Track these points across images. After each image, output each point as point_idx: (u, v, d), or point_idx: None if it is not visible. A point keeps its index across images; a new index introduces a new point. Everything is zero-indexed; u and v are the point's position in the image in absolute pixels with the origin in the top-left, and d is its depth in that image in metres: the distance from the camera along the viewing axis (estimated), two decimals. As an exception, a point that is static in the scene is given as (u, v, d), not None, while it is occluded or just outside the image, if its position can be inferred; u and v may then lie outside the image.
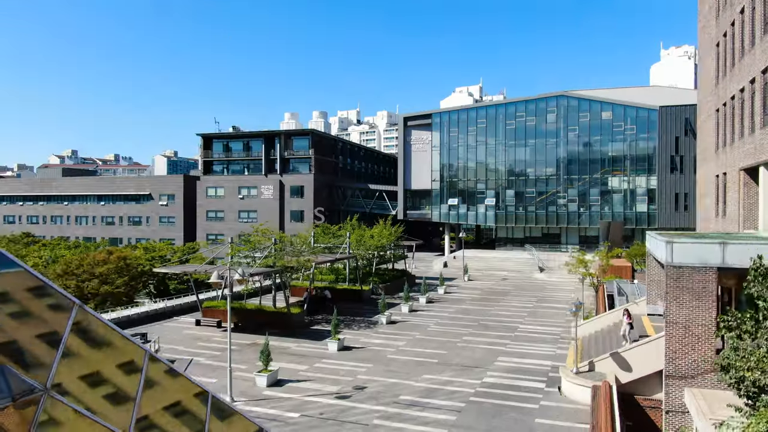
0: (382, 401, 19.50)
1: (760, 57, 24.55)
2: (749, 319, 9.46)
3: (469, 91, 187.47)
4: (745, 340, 9.29)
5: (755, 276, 9.72)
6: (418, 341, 28.59)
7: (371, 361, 24.74)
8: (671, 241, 20.37)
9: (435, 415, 18.16)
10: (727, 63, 31.00)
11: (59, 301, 9.23)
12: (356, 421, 17.58)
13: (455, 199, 71.24)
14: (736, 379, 9.20)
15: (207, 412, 10.75)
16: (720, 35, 32.57)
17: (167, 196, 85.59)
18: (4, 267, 8.72)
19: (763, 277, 9.43)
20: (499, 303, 40.29)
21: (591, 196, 65.31)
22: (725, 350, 10.01)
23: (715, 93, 34.15)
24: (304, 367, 23.64)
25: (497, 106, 71.60)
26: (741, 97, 27.75)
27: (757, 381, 8.53)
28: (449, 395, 20.16)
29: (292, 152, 79.24)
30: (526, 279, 54.06)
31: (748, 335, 9.27)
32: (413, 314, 35.84)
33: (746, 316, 9.47)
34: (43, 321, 8.93)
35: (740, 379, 9.03)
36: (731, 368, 9.33)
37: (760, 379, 8.52)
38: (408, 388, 21.00)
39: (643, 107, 61.78)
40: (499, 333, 30.39)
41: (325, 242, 44.78)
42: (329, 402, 19.39)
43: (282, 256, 32.44)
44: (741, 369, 9.00)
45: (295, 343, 27.72)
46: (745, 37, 26.85)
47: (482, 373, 22.97)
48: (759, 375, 8.49)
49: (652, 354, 19.89)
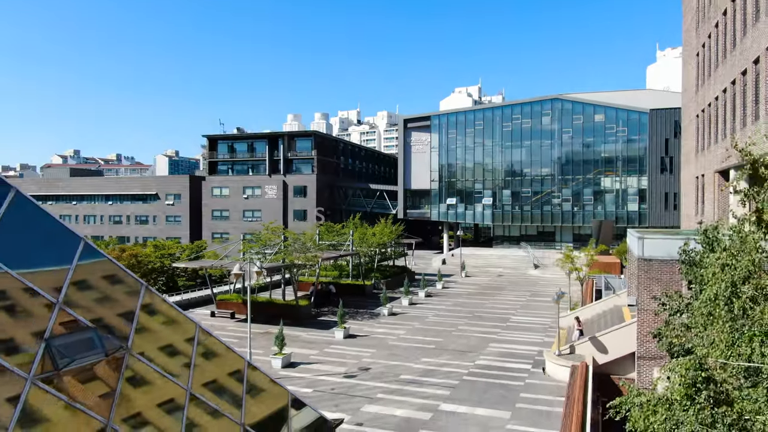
0: (385, 379, 21.90)
1: (730, 69, 26.94)
2: (677, 297, 11.81)
3: (468, 91, 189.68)
4: (674, 316, 11.61)
5: (682, 263, 12.08)
6: (418, 330, 30.99)
7: (374, 346, 27.15)
8: (642, 237, 22.80)
9: (432, 391, 20.56)
10: (705, 72, 33.38)
11: (131, 282, 11.72)
12: (363, 395, 19.98)
13: (453, 199, 73.62)
14: (666, 345, 11.56)
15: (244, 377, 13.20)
16: (699, 45, 34.96)
17: (173, 195, 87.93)
18: (94, 257, 11.24)
19: (689, 265, 11.76)
20: (494, 297, 42.68)
21: (584, 196, 67.70)
22: (660, 324, 12.42)
23: (695, 99, 36.53)
24: (314, 352, 26.03)
25: (494, 108, 73.96)
26: (716, 105, 30.13)
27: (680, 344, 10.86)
28: (445, 375, 22.55)
29: (296, 153, 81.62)
30: (521, 275, 56.43)
31: (677, 312, 11.58)
32: (413, 307, 38.24)
33: (674, 297, 11.83)
34: (120, 298, 11.41)
35: (670, 345, 11.38)
36: (662, 336, 11.70)
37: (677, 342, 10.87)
38: (408, 369, 23.39)
39: (634, 110, 64.15)
40: (492, 323, 32.79)
41: (330, 240, 47.16)
42: (338, 380, 21.78)
43: (291, 252, 34.80)
44: (669, 337, 11.35)
45: (304, 332, 30.11)
46: (719, 49, 29.20)
47: (475, 357, 25.36)
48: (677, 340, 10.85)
49: (626, 338, 22.26)
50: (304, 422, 14.34)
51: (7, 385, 8.54)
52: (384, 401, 19.44)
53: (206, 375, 12.20)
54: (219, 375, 12.69)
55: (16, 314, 9.35)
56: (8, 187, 10.23)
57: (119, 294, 11.36)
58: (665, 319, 12.06)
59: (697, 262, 11.38)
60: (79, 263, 10.74)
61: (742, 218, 9.82)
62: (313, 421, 14.65)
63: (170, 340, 11.91)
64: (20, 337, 9.12)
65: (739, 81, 25.42)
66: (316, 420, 14.78)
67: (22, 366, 8.79)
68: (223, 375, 12.80)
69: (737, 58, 25.51)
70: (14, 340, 9.02)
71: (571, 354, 23.27)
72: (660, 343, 11.82)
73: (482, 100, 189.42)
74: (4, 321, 9.13)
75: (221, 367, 12.91)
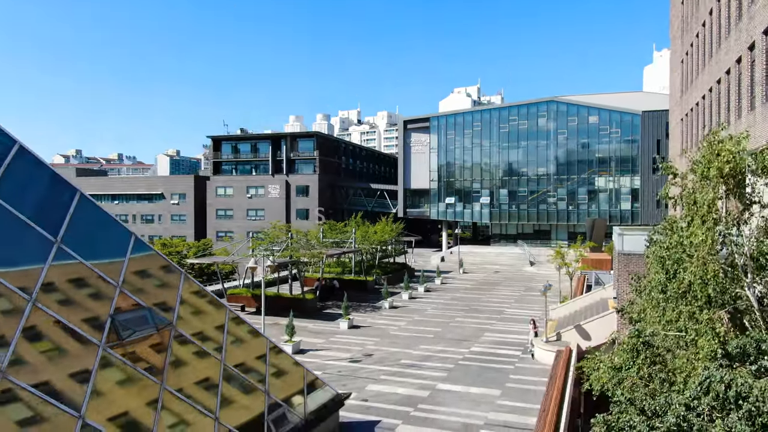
0: (387, 363, 23.98)
1: (708, 77, 28.99)
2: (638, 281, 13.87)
3: (467, 91, 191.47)
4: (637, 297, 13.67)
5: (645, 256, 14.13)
6: (417, 321, 33.07)
7: (377, 336, 29.23)
8: (622, 234, 24.92)
9: (430, 373, 22.64)
10: (688, 78, 35.45)
11: (172, 270, 13.82)
12: (367, 377, 22.06)
13: (452, 198, 75.70)
14: (628, 320, 13.63)
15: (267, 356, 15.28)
16: (684, 53, 37.03)
17: (178, 195, 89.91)
18: (143, 249, 13.37)
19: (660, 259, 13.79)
20: (490, 292, 44.76)
21: (579, 195, 69.78)
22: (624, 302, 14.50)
23: (680, 104, 38.61)
24: (321, 341, 28.10)
25: (491, 110, 76.07)
26: (696, 110, 32.19)
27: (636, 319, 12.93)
28: (442, 360, 24.63)
29: (298, 153, 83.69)
30: (517, 272, 58.48)
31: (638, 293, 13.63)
32: (412, 301, 40.32)
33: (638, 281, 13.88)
34: (165, 282, 13.51)
35: (630, 320, 13.44)
36: (625, 313, 13.78)
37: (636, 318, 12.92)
38: (408, 355, 25.47)
39: (627, 112, 66.21)
40: (487, 315, 34.87)
41: (333, 237, 49.25)
42: (344, 364, 23.86)
43: (297, 249, 36.89)
44: (630, 313, 13.42)
45: (311, 323, 32.18)
46: (700, 57, 31.24)
47: (470, 344, 27.44)
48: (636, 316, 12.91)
49: (607, 325, 24.33)
50: (318, 393, 16.44)
51: (85, 352, 10.63)
52: (387, 382, 21.53)
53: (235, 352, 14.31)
54: (246, 349, 14.79)
55: (90, 296, 11.45)
56: (75, 190, 12.34)
57: (163, 279, 13.46)
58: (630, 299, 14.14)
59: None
60: (132, 256, 12.84)
61: (672, 219, 11.91)
62: (325, 393, 16.75)
63: (205, 319, 14.01)
64: (93, 313, 11.22)
65: (715, 89, 27.45)
66: (327, 392, 16.88)
67: (96, 336, 10.90)
68: (250, 348, 14.89)
69: (714, 67, 27.55)
70: (89, 316, 11.11)
71: (557, 341, 25.34)
72: (623, 318, 13.93)
73: (481, 100, 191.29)
74: (82, 301, 11.25)
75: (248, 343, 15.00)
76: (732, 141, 10.58)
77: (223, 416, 12.73)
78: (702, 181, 10.59)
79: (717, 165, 10.16)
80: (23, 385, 9.22)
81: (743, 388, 8.45)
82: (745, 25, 22.12)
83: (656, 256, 11.52)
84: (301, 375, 16.24)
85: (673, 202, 11.61)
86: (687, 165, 11.65)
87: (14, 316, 9.68)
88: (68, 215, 11.73)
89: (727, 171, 10.13)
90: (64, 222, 11.55)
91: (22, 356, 9.52)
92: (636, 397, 9.60)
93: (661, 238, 12.17)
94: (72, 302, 11.03)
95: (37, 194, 11.53)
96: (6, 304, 9.72)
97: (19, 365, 9.35)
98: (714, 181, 10.27)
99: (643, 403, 9.43)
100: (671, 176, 11.90)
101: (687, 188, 11.17)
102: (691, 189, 10.93)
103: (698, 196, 10.41)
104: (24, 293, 9.99)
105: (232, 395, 13.61)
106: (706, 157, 10.56)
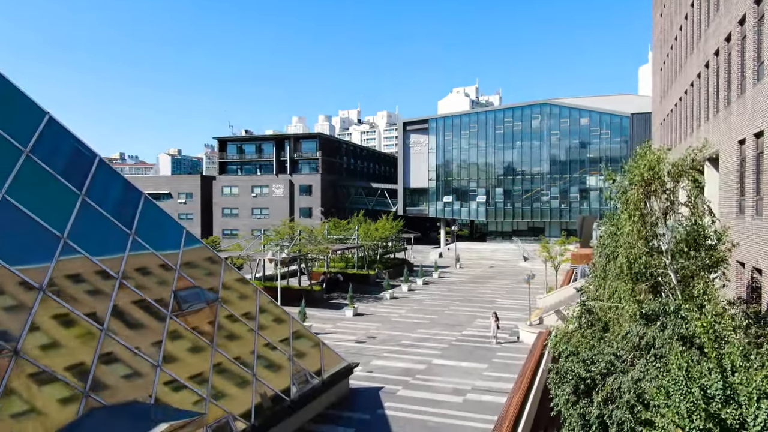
0: (389, 344, 27.17)
1: (679, 87, 32.12)
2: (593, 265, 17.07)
3: (465, 91, 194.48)
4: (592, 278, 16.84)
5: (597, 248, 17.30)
6: (415, 310, 36.25)
7: (379, 322, 32.41)
8: (598, 226, 28.04)
9: (426, 351, 25.82)
10: (665, 86, 38.63)
11: (215, 258, 16.99)
12: (371, 354, 25.24)
13: (450, 197, 78.90)
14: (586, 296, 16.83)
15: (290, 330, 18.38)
16: (662, 62, 40.21)
17: (185, 194, 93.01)
18: (195, 244, 16.55)
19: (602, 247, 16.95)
20: (484, 285, 47.93)
21: (571, 194, 72.98)
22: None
23: (660, 108, 41.81)
24: (329, 326, 31.28)
25: (487, 112, 79.24)
26: (671, 116, 35.36)
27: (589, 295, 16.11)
28: (437, 341, 27.81)
29: (301, 154, 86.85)
30: (511, 267, 61.67)
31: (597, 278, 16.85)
32: (411, 292, 43.51)
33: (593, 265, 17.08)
34: (210, 268, 16.67)
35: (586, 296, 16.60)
36: (582, 291, 16.95)
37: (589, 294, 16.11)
38: (407, 337, 28.64)
39: (616, 114, 69.35)
40: (480, 305, 38.04)
41: (337, 234, 52.47)
42: (351, 345, 27.03)
43: (305, 245, 40.06)
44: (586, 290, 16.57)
45: (319, 312, 35.36)
46: (673, 68, 34.37)
47: (462, 329, 30.62)
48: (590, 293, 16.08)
49: (583, 310, 27.46)
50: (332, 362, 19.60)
51: (155, 319, 13.79)
52: (389, 358, 24.71)
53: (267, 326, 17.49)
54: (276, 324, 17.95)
55: (160, 277, 14.62)
56: (141, 193, 15.50)
57: (209, 265, 16.62)
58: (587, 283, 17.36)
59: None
60: (185, 248, 16.00)
61: (611, 214, 15.07)
62: (337, 363, 19.91)
63: (243, 299, 17.18)
64: (162, 290, 14.37)
65: (684, 98, 30.61)
66: (339, 362, 20.05)
67: (164, 305, 14.07)
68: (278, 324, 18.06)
69: (682, 78, 30.70)
70: (160, 292, 14.26)
71: (540, 324, 28.50)
72: (582, 296, 17.14)
73: (479, 100, 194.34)
74: (157, 279, 14.41)
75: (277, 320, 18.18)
76: (653, 153, 13.68)
77: (259, 374, 15.89)
78: (630, 184, 13.69)
79: (640, 171, 13.26)
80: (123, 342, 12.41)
81: (650, 339, 11.60)
82: (703, 44, 25.27)
83: (599, 244, 14.67)
84: (318, 347, 19.40)
85: (613, 201, 14.72)
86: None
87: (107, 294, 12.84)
88: (138, 213, 14.89)
89: (648, 177, 13.22)
90: (135, 218, 14.71)
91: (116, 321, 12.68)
92: (578, 350, 12.72)
93: (604, 229, 15.31)
94: (144, 282, 14.19)
95: (115, 196, 14.68)
96: (99, 282, 12.89)
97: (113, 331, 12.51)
98: (638, 184, 13.37)
99: (582, 355, 12.55)
100: (611, 181, 15.01)
101: (620, 189, 14.29)
102: (624, 190, 14.04)
103: (627, 195, 13.51)
104: (113, 273, 13.16)
105: (266, 359, 16.76)
106: (634, 165, 13.68)
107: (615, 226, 14.22)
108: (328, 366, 19.32)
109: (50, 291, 11.55)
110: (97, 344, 11.94)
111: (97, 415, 10.79)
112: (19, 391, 10.13)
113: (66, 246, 12.38)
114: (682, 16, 30.19)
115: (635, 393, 10.89)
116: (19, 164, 12.36)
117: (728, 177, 19.69)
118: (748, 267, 16.72)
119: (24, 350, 10.44)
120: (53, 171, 13.08)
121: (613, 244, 13.94)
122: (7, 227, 11.53)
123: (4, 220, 11.50)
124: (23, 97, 13.56)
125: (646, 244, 13.37)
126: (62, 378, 10.87)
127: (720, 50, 21.31)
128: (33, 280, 11.30)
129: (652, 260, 13.49)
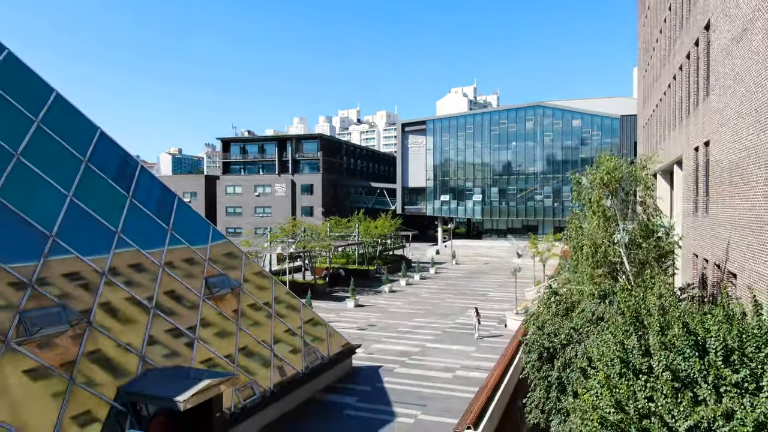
0: (387, 331, 29.78)
1: (656, 94, 34.63)
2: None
3: (463, 91, 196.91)
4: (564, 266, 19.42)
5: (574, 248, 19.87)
6: (413, 302, 38.85)
7: (379, 312, 35.01)
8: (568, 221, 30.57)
9: (422, 336, 28.43)
10: (647, 91, 41.22)
11: (237, 252, 19.57)
12: (372, 339, 27.84)
13: (447, 196, 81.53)
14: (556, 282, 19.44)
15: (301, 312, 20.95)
16: (644, 69, 42.82)
17: (190, 194, 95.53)
18: (220, 239, 19.14)
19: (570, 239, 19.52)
20: (478, 279, 50.55)
21: (564, 193, 75.56)
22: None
23: (643, 112, 44.43)
24: (332, 316, 33.86)
25: (483, 114, 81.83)
26: (651, 121, 37.92)
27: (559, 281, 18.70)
28: (431, 328, 30.41)
29: (303, 154, 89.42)
30: (505, 263, 64.17)
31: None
32: (409, 286, 46.12)
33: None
34: (233, 261, 19.23)
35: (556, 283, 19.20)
36: (554, 278, 19.55)
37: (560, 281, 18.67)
38: (404, 325, 31.24)
39: (607, 116, 71.95)
40: (473, 297, 40.65)
41: (338, 232, 55.07)
42: (353, 331, 29.61)
43: (309, 241, 42.67)
44: (556, 278, 19.15)
45: (322, 303, 37.95)
46: (652, 77, 36.91)
47: (455, 318, 33.23)
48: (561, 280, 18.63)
49: (565, 300, 30.06)
50: (337, 342, 22.17)
51: (191, 301, 16.36)
52: (387, 342, 27.32)
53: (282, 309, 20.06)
54: (289, 307, 20.53)
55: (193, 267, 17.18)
56: (174, 194, 18.06)
57: (232, 258, 19.17)
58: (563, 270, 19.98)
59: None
60: (213, 243, 18.55)
61: (576, 211, 17.64)
62: (341, 343, 22.48)
63: (261, 286, 19.74)
64: (194, 277, 16.94)
65: (659, 104, 33.16)
66: (343, 342, 22.61)
67: (198, 291, 16.64)
68: (291, 307, 20.64)
69: (658, 88, 33.26)
70: (192, 280, 16.82)
71: (525, 312, 31.05)
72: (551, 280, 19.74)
73: (477, 100, 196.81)
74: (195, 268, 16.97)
75: (290, 303, 20.75)
76: (611, 160, 16.25)
77: (276, 350, 18.48)
78: (590, 187, 16.27)
79: (599, 176, 15.83)
80: (168, 319, 15.00)
81: (600, 314, 14.19)
82: (672, 58, 27.87)
83: (567, 236, 17.25)
84: (325, 328, 21.99)
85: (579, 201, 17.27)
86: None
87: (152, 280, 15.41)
88: (173, 211, 17.47)
89: (605, 180, 15.79)
90: (172, 216, 17.28)
91: (162, 303, 15.25)
92: (544, 325, 15.32)
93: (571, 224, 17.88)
94: (182, 270, 16.75)
95: (155, 197, 17.25)
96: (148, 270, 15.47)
97: (160, 309, 15.07)
98: (597, 186, 15.94)
99: (547, 329, 15.14)
100: (576, 183, 17.55)
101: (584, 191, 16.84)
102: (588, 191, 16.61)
103: (590, 195, 16.09)
104: (156, 261, 15.75)
105: (280, 336, 19.33)
106: (594, 170, 16.26)
107: (579, 221, 16.80)
108: (333, 345, 21.88)
109: (110, 276, 14.14)
110: (148, 320, 14.53)
111: (151, 374, 13.37)
112: (92, 351, 12.70)
113: (120, 240, 14.96)
114: (658, 30, 32.78)
115: (586, 358, 13.47)
116: (80, 172, 14.95)
117: (687, 179, 22.36)
118: (701, 258, 19.37)
119: (95, 321, 13.03)
120: (107, 177, 15.66)
121: (579, 237, 16.51)
122: (73, 225, 14.11)
123: (71, 218, 14.09)
124: (80, 115, 16.16)
125: (606, 237, 15.94)
126: (124, 345, 13.46)
127: (683, 66, 23.89)
128: (98, 267, 13.89)
129: (610, 250, 16.07)
